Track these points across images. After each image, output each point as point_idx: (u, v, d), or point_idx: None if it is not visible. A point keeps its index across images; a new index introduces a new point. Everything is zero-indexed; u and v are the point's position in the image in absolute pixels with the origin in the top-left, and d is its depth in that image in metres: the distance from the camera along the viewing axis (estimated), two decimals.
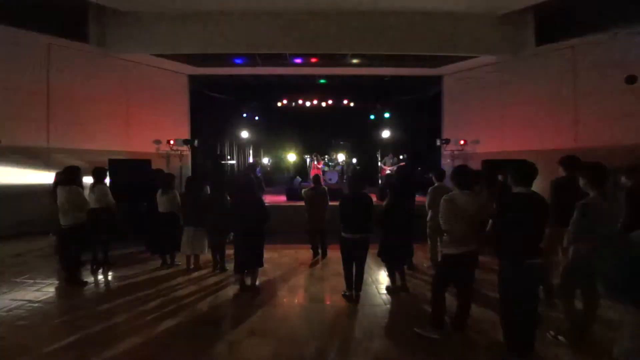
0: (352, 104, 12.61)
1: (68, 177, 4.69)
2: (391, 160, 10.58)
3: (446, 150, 10.47)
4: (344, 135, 12.59)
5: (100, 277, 5.09)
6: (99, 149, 8.56)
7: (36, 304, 4.08)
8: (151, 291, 4.48)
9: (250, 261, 4.43)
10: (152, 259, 5.90)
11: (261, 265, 4.55)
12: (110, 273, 5.25)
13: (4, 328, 3.49)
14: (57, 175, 5.50)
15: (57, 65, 8.05)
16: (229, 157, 12.85)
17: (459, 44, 8.66)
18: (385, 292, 4.45)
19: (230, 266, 5.29)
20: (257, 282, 4.59)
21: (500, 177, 5.30)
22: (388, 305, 4.08)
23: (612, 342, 1.51)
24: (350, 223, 4.08)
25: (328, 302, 4.17)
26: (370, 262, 4.47)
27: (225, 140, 13.17)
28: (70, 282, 4.66)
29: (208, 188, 5.75)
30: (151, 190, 5.71)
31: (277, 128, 13.34)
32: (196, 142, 10.61)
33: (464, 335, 3.27)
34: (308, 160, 11.76)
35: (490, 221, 3.03)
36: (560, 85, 8.28)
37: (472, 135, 9.97)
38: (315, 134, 13.06)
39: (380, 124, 12.84)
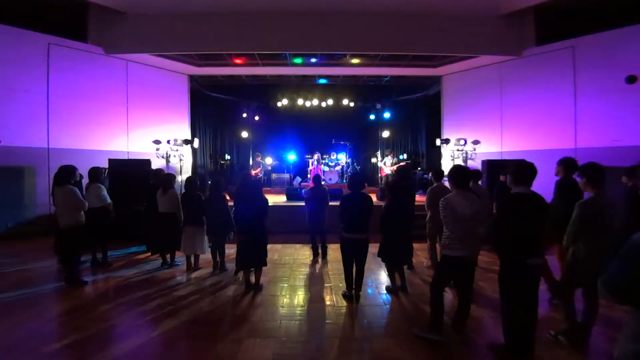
0: (352, 104, 12.61)
1: (63, 177, 4.68)
2: (391, 160, 10.57)
3: (446, 150, 10.48)
4: (344, 135, 12.58)
5: (100, 277, 5.09)
6: (99, 149, 8.57)
7: (36, 304, 4.08)
8: (151, 291, 4.47)
9: (254, 260, 4.46)
10: (152, 259, 5.91)
11: (265, 264, 4.56)
12: (110, 273, 5.24)
13: (4, 328, 3.49)
14: (55, 176, 5.50)
15: (57, 65, 8.06)
16: (228, 157, 12.85)
17: (459, 44, 8.67)
18: (385, 292, 4.45)
19: (230, 266, 5.30)
20: (260, 281, 4.59)
21: (501, 178, 5.30)
22: (388, 305, 4.08)
23: (612, 342, 1.51)
24: (351, 223, 4.08)
25: (328, 302, 4.17)
26: (370, 262, 4.47)
27: (225, 140, 13.17)
28: (70, 282, 4.66)
29: (208, 188, 5.76)
30: (151, 190, 5.71)
31: (277, 128, 13.33)
32: (196, 142, 10.62)
33: (464, 336, 3.27)
34: (309, 160, 11.74)
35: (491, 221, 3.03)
36: (560, 85, 8.29)
37: (472, 135, 9.99)
38: (315, 134, 13.05)
39: (380, 124, 12.84)
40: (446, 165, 10.13)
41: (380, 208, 4.48)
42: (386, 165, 10.73)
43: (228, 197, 5.52)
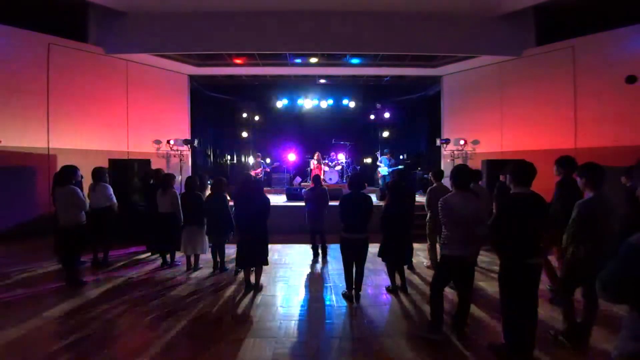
0: (352, 104, 12.61)
1: (64, 177, 4.69)
2: (389, 162, 10.50)
3: (446, 150, 10.48)
4: (344, 135, 12.59)
5: (100, 277, 5.09)
6: (99, 149, 8.57)
7: (36, 304, 4.08)
8: (151, 291, 4.48)
9: (255, 259, 4.46)
10: (152, 259, 5.91)
11: (266, 263, 4.56)
12: (110, 273, 5.24)
13: (4, 328, 3.49)
14: (55, 175, 5.52)
15: (57, 65, 8.05)
16: (228, 157, 12.86)
17: (459, 44, 8.67)
18: (385, 292, 4.45)
19: (230, 266, 5.30)
20: (260, 280, 4.59)
21: (501, 178, 5.30)
22: (388, 305, 4.08)
23: (612, 342, 1.51)
24: (350, 223, 4.08)
25: (328, 302, 4.17)
26: (370, 262, 4.47)
27: (225, 140, 13.17)
28: (70, 282, 4.66)
29: (208, 188, 5.76)
30: (151, 190, 5.71)
31: (277, 128, 13.34)
32: (196, 142, 10.62)
33: (464, 336, 3.27)
34: (310, 160, 11.74)
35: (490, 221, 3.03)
36: (560, 85, 8.29)
37: (472, 135, 9.98)
38: (315, 134, 13.05)
39: (380, 124, 12.83)
40: (446, 165, 10.12)
41: (380, 208, 4.48)
42: (382, 165, 10.71)
43: (228, 197, 5.52)
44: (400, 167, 10.26)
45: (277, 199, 9.30)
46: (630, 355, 1.36)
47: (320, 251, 6.08)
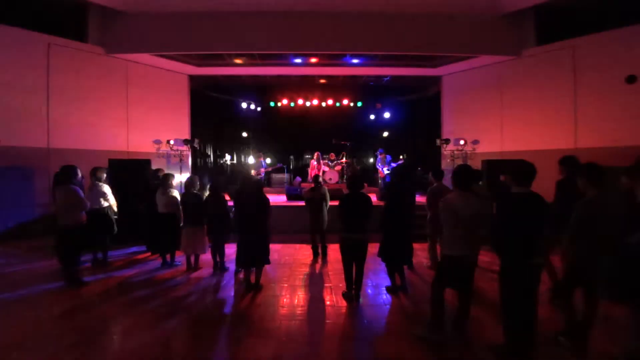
0: (352, 104, 12.62)
1: (64, 177, 4.69)
2: (386, 161, 10.47)
3: (446, 150, 10.47)
4: (344, 135, 12.59)
5: (100, 277, 5.08)
6: (99, 149, 8.56)
7: (36, 304, 4.08)
8: (151, 291, 4.48)
9: (256, 259, 4.45)
10: (152, 259, 5.91)
11: (268, 262, 4.56)
12: (110, 273, 5.24)
13: (4, 328, 3.49)
14: (55, 175, 5.52)
15: (57, 65, 8.05)
16: (228, 157, 12.85)
17: (459, 44, 8.67)
18: (385, 292, 4.45)
19: (230, 266, 5.30)
20: (260, 281, 4.59)
21: (501, 178, 5.30)
22: (388, 305, 4.08)
23: (612, 342, 1.51)
24: (350, 223, 4.08)
25: (328, 302, 4.17)
26: (370, 262, 4.47)
27: (225, 140, 13.17)
28: (70, 282, 4.66)
29: (207, 188, 5.76)
30: (151, 190, 5.71)
31: (277, 128, 13.34)
32: (196, 142, 10.62)
33: (464, 336, 3.27)
34: (310, 160, 11.73)
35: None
36: (560, 85, 8.29)
37: (472, 135, 9.98)
38: (315, 134, 13.05)
39: (380, 124, 12.84)
40: (446, 165, 10.12)
41: (380, 208, 4.48)
42: (379, 165, 10.70)
43: (228, 197, 5.52)
44: (400, 160, 10.24)
45: (277, 199, 9.30)
46: (635, 354, 1.36)
47: (320, 251, 6.08)
